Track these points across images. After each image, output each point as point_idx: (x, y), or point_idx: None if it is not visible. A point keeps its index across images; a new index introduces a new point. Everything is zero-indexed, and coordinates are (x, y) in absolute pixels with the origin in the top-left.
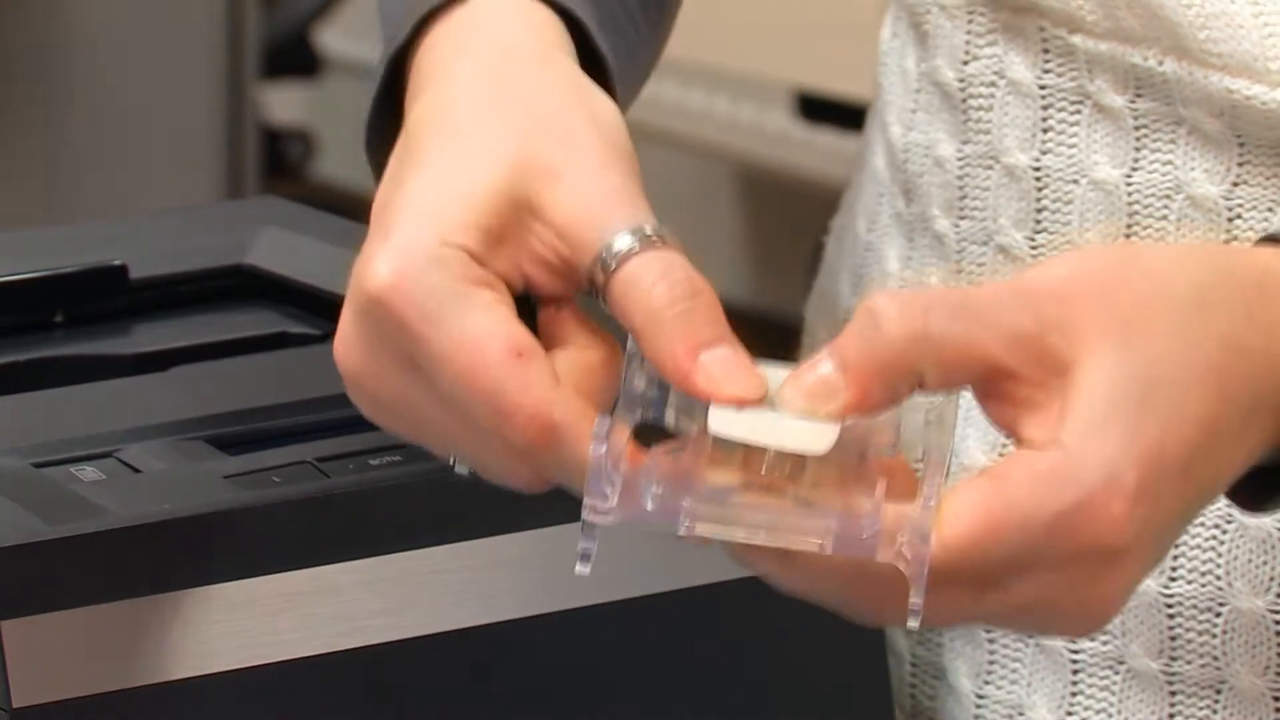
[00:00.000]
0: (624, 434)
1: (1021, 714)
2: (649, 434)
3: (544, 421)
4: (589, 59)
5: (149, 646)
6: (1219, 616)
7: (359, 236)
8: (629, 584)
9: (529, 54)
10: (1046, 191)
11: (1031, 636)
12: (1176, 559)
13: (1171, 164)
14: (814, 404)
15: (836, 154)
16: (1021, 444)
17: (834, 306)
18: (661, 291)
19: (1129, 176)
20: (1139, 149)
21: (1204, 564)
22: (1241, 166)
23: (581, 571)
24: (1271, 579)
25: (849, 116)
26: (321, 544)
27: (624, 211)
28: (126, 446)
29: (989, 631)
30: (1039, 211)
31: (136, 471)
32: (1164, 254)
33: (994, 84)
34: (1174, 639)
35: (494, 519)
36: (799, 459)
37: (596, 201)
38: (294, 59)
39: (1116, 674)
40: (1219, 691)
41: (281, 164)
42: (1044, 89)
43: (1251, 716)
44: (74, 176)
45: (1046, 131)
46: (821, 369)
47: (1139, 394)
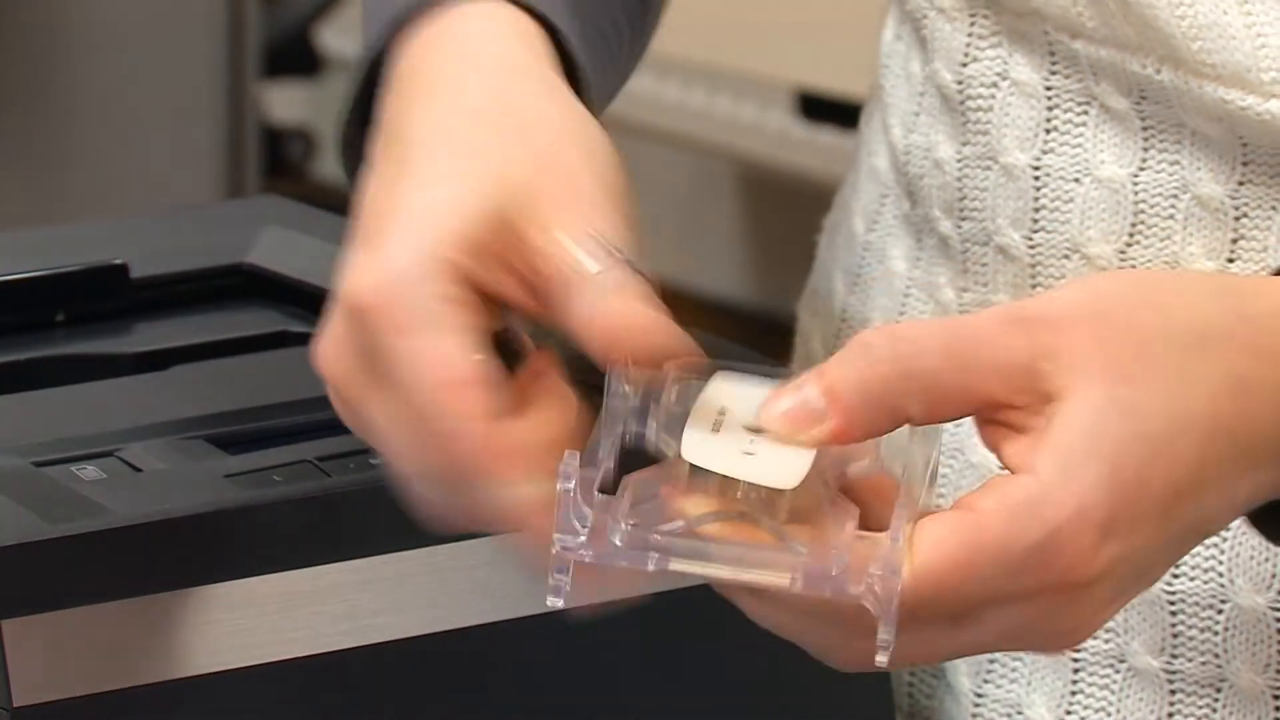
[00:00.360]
0: (597, 471)
1: (1020, 712)
2: (631, 458)
3: (478, 453)
4: (568, 68)
5: (150, 646)
6: (1220, 614)
7: None
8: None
9: (533, 75)
10: (1045, 191)
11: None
12: None
13: (1179, 164)
14: (794, 429)
15: (837, 153)
16: (1002, 463)
17: (826, 305)
18: (620, 314)
19: (1136, 176)
20: (1146, 149)
21: (1206, 561)
22: (1246, 166)
23: (554, 603)
24: (1273, 576)
25: (849, 116)
26: (322, 543)
27: (598, 247)
28: (127, 445)
29: None
30: (1036, 211)
31: (137, 470)
32: (1171, 285)
33: (995, 84)
34: (1175, 636)
35: None
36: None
37: (577, 234)
38: (295, 58)
39: (1117, 672)
40: (1219, 689)
41: (282, 163)
42: (1050, 90)
43: (1251, 714)
44: (75, 175)
45: (1050, 131)
46: (806, 392)
47: (1124, 432)
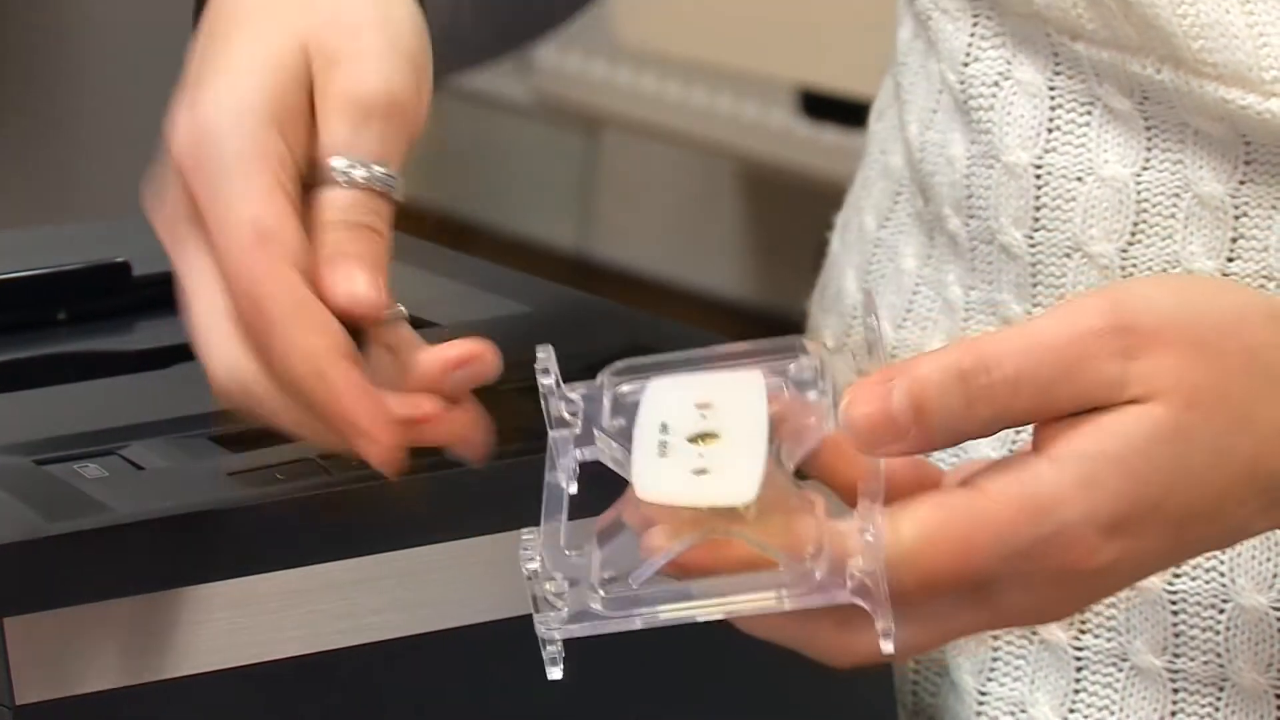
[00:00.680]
0: (560, 519)
1: (1024, 710)
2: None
3: (278, 295)
4: None
5: (151, 644)
6: (1222, 613)
7: None
8: None
9: None
10: (1047, 190)
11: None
12: None
13: (1181, 163)
14: (872, 442)
15: (840, 151)
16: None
17: (839, 301)
18: (338, 224)
19: (1139, 175)
20: (1150, 148)
21: (1208, 560)
22: (1248, 165)
23: (554, 675)
24: (1275, 575)
25: (852, 114)
26: (323, 541)
27: (359, 134)
28: (129, 443)
29: None
30: (1038, 210)
31: (139, 468)
32: (1266, 325)
33: (997, 84)
34: (1178, 635)
35: (495, 517)
36: None
37: (352, 107)
38: None
39: (1120, 670)
40: (1221, 688)
41: None
42: (1053, 90)
43: (1253, 713)
44: (76, 174)
45: (1052, 131)
46: (895, 401)
47: (1164, 455)
